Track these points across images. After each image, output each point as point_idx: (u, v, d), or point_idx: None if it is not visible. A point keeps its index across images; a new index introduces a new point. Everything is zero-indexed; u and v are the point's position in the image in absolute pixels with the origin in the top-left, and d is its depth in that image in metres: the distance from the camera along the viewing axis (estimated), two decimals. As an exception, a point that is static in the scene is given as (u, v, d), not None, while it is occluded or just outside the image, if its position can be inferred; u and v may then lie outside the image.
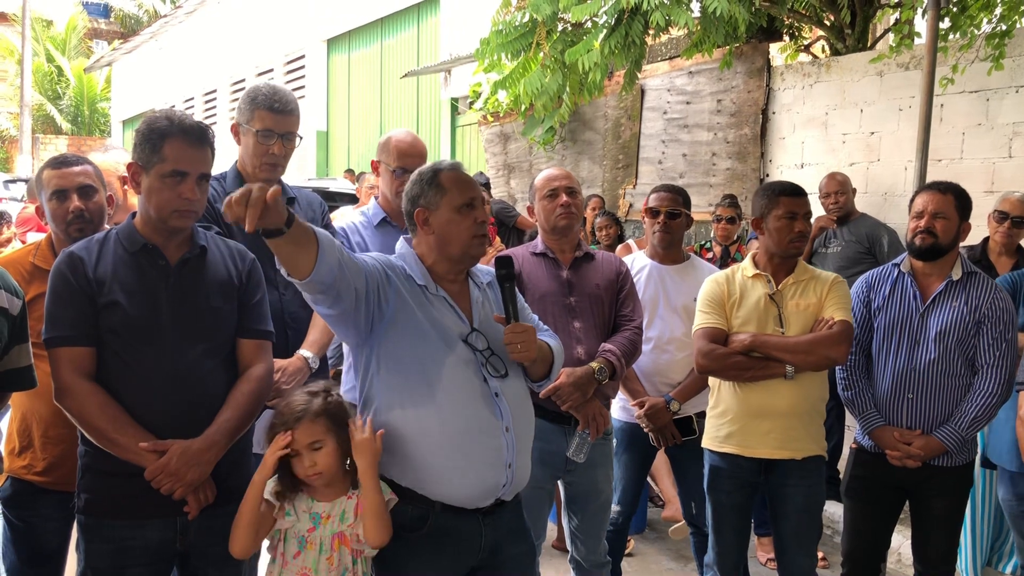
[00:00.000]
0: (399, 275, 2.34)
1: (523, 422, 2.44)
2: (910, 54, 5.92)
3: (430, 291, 2.37)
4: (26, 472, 2.74)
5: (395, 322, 2.30)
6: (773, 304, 3.18)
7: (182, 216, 2.37)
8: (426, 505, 2.31)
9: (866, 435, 3.29)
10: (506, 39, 7.43)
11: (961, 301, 3.17)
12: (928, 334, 3.18)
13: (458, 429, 2.30)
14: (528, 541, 2.55)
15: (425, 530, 2.31)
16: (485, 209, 2.45)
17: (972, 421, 3.11)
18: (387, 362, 2.32)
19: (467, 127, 11.85)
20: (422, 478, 2.31)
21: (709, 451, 3.29)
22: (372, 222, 3.38)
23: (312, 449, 2.28)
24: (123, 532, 2.33)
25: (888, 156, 6.11)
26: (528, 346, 2.36)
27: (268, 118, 2.91)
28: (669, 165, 7.92)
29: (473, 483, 2.32)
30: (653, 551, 4.81)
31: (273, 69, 17.27)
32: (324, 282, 2.08)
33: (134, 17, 30.57)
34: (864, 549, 3.34)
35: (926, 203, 3.20)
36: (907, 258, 3.31)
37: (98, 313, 2.32)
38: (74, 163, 2.86)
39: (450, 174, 2.42)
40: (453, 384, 2.31)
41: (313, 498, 2.32)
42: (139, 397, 2.32)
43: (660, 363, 3.62)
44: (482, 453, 2.32)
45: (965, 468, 3.24)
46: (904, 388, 3.20)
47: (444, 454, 2.29)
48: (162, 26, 22.49)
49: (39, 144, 24.80)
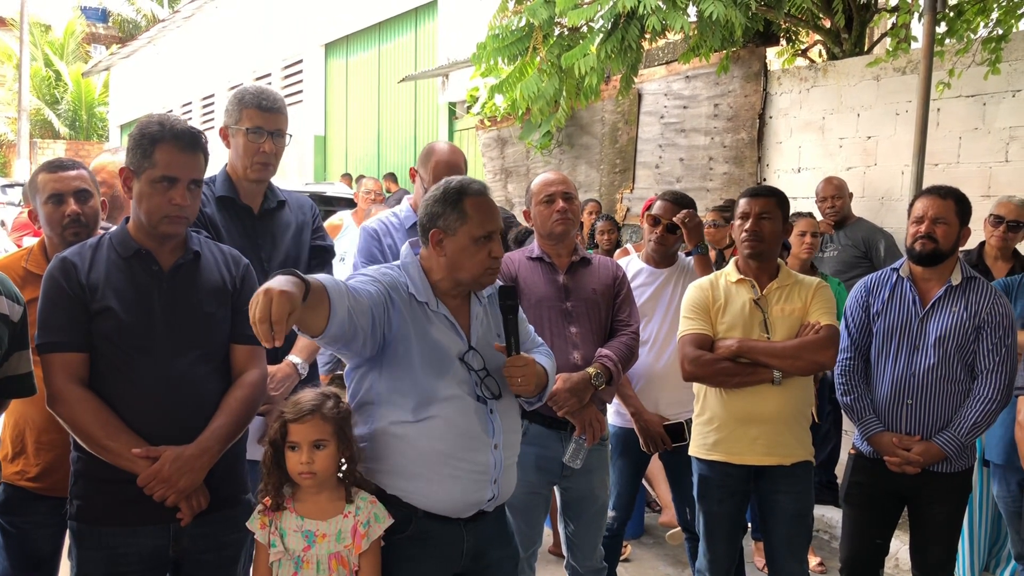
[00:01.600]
0: (401, 293, 2.33)
1: (512, 438, 2.46)
2: (907, 58, 5.92)
3: (430, 307, 2.37)
4: (19, 478, 2.73)
5: (395, 341, 2.30)
6: (758, 309, 3.17)
7: (172, 222, 2.36)
8: (409, 510, 2.32)
9: (865, 441, 3.27)
10: (503, 43, 7.44)
11: (961, 306, 3.15)
12: (927, 339, 3.16)
13: (448, 447, 2.30)
14: (511, 546, 2.56)
15: (408, 532, 2.32)
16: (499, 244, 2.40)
17: (972, 427, 3.09)
18: (385, 376, 2.32)
19: (464, 131, 11.86)
20: (407, 488, 2.32)
21: (697, 459, 3.28)
22: (404, 224, 3.40)
23: (314, 446, 2.27)
24: (116, 539, 2.32)
25: (885, 160, 6.11)
26: (528, 380, 2.36)
27: (257, 116, 2.89)
28: (666, 170, 7.92)
29: (458, 498, 2.33)
30: (650, 556, 4.79)
31: (271, 74, 17.29)
32: (336, 335, 2.10)
33: (132, 22, 30.63)
34: (862, 555, 3.33)
35: (926, 208, 3.18)
36: (906, 263, 3.29)
37: (91, 319, 2.31)
38: (70, 167, 2.86)
39: (475, 200, 2.35)
40: (446, 403, 2.31)
41: (302, 516, 2.30)
42: (132, 403, 2.30)
43: (656, 367, 3.62)
44: (469, 470, 2.33)
45: (964, 474, 3.22)
46: (903, 393, 3.19)
47: (432, 469, 2.30)
48: (160, 31, 22.53)
49: (37, 149, 24.82)
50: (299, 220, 3.09)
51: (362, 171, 13.28)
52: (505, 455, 2.40)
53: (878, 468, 3.23)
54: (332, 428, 2.28)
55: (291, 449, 2.28)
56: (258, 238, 2.96)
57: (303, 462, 2.26)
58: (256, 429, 2.63)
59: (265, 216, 3.01)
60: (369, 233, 3.41)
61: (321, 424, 2.27)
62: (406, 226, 3.39)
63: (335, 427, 2.29)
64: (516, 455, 2.49)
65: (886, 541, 3.35)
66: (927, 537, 3.25)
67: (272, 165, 2.96)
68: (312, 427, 2.26)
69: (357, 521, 2.29)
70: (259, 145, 2.90)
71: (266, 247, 2.96)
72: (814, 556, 4.48)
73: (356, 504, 2.31)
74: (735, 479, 3.19)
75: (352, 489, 2.32)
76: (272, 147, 2.92)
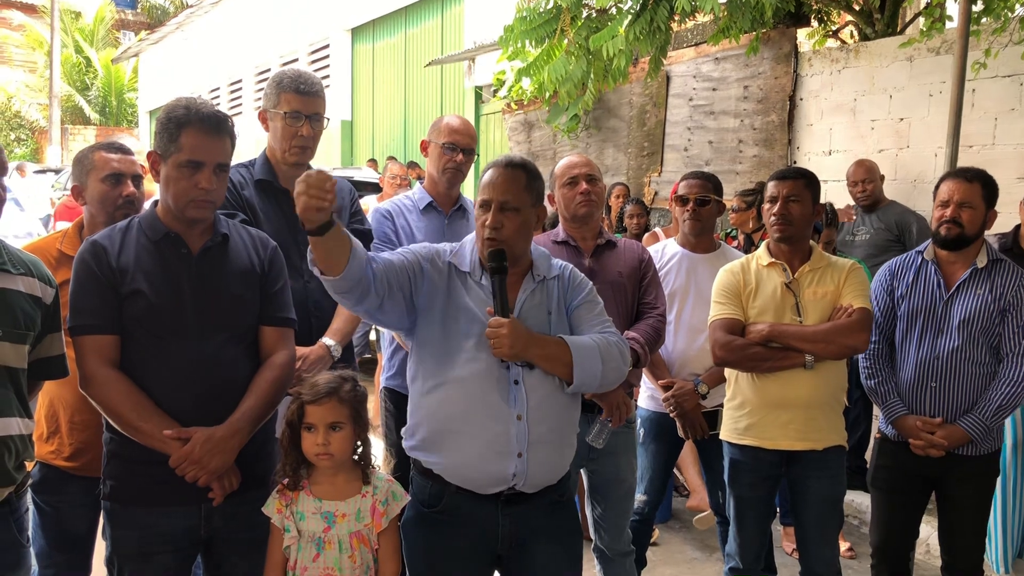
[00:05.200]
0: (437, 264, 2.40)
1: (547, 415, 2.37)
2: (941, 38, 5.82)
3: (473, 277, 2.41)
4: (54, 457, 2.77)
5: (427, 308, 2.37)
6: (790, 293, 3.14)
7: (199, 206, 2.37)
8: (441, 484, 2.35)
9: (889, 424, 3.25)
10: (530, 26, 7.40)
11: (985, 289, 3.13)
12: (952, 322, 3.14)
13: (462, 410, 2.32)
14: (565, 544, 2.49)
15: (441, 507, 2.35)
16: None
17: (997, 409, 3.08)
18: (419, 346, 2.40)
19: (491, 115, 11.82)
20: (435, 460, 2.36)
21: (728, 444, 3.26)
22: (418, 206, 3.42)
23: (330, 428, 2.29)
24: (148, 519, 2.34)
25: (918, 142, 6.02)
26: (500, 342, 2.28)
27: (295, 100, 2.91)
28: (695, 152, 7.85)
29: (476, 466, 2.32)
30: (678, 540, 4.79)
31: (298, 59, 17.32)
32: (353, 279, 2.16)
33: (161, 8, 30.82)
34: (892, 540, 3.31)
35: (952, 192, 3.14)
36: (930, 245, 3.26)
37: (121, 301, 2.33)
38: (128, 151, 2.92)
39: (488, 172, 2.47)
40: (466, 367, 2.32)
41: (320, 498, 2.32)
42: (162, 385, 2.33)
43: (691, 352, 3.58)
44: (484, 437, 2.31)
45: (990, 457, 3.20)
46: (928, 376, 3.17)
47: (450, 438, 2.33)
48: (188, 16, 22.62)
49: (68, 135, 25.07)
50: (337, 204, 3.08)
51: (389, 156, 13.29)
52: (533, 430, 2.33)
53: (903, 451, 3.21)
54: (348, 411, 2.31)
55: (307, 430, 2.31)
56: (296, 221, 2.95)
57: (319, 443, 2.29)
58: (286, 410, 2.64)
59: None
60: (382, 214, 3.42)
61: (338, 407, 2.30)
62: (420, 207, 3.41)
63: (351, 410, 2.32)
64: (556, 434, 2.41)
65: (915, 525, 3.33)
66: (955, 522, 3.22)
67: (310, 148, 2.98)
68: (328, 409, 2.29)
69: (375, 500, 2.32)
70: (297, 129, 2.91)
71: (303, 231, 2.96)
72: (844, 542, 4.45)
73: (373, 484, 2.34)
74: (766, 464, 3.17)
75: (368, 470, 2.34)
76: (310, 131, 2.94)
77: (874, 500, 3.38)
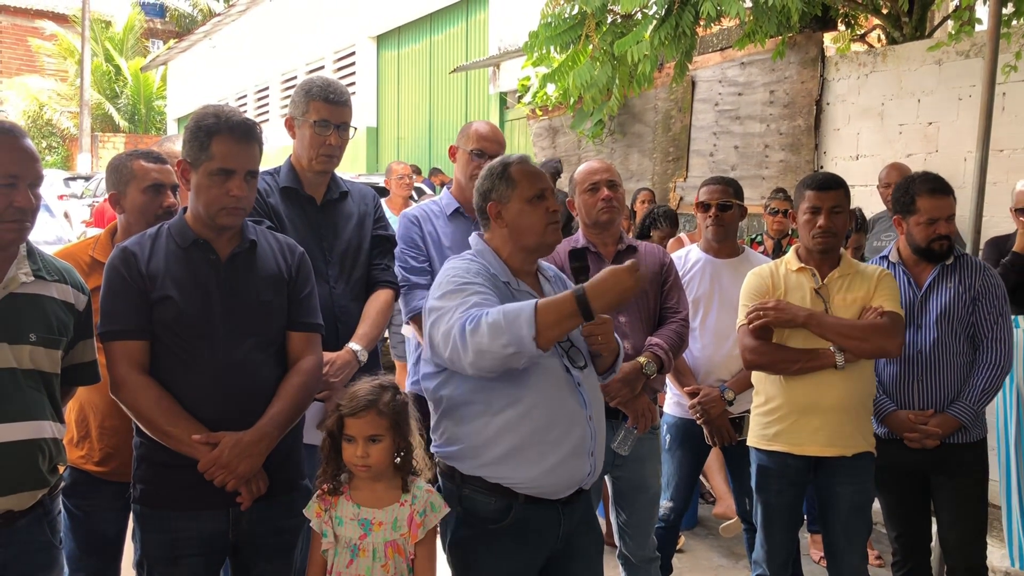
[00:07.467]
0: (489, 282, 2.37)
1: (599, 408, 2.49)
2: (970, 41, 5.75)
3: (513, 287, 2.42)
4: (84, 462, 2.80)
5: None
6: (820, 299, 3.11)
7: (230, 214, 2.39)
8: (510, 497, 2.34)
9: (879, 423, 3.27)
10: (555, 32, 7.41)
11: (955, 281, 3.25)
12: (929, 317, 3.24)
13: (547, 419, 2.33)
14: (596, 530, 2.58)
15: (507, 521, 2.34)
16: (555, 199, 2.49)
17: (981, 393, 3.18)
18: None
19: (516, 121, 11.84)
20: (511, 475, 2.33)
21: (756, 450, 3.24)
22: (445, 212, 3.41)
23: (369, 440, 2.29)
24: (177, 523, 2.36)
25: (947, 147, 5.95)
26: (608, 337, 2.38)
27: (324, 109, 2.92)
28: (720, 157, 7.81)
29: (560, 472, 2.35)
30: (704, 547, 4.76)
31: (324, 66, 17.46)
32: None
33: (189, 16, 31.17)
34: (906, 535, 3.36)
35: (939, 209, 3.22)
36: (895, 249, 3.37)
37: (151, 307, 2.35)
38: (163, 160, 2.93)
39: (519, 167, 2.47)
40: (540, 376, 2.33)
41: (359, 504, 2.32)
42: (191, 390, 2.35)
43: (716, 358, 3.56)
44: (569, 442, 2.35)
45: (979, 444, 3.27)
46: (911, 372, 3.25)
47: (534, 445, 2.32)
48: (215, 25, 22.87)
49: (98, 143, 25.40)
50: (361, 210, 3.11)
51: (415, 162, 13.34)
52: (597, 426, 2.43)
53: (892, 448, 3.24)
54: (388, 423, 2.30)
55: (347, 441, 2.31)
56: (321, 228, 3.00)
57: (359, 455, 2.28)
58: (314, 415, 2.66)
59: (328, 206, 3.04)
60: (409, 219, 3.39)
61: (376, 419, 2.29)
62: (447, 213, 3.39)
63: (391, 421, 2.30)
64: (604, 433, 2.51)
65: (924, 519, 3.38)
66: (955, 513, 3.26)
67: (337, 157, 3.00)
68: (367, 422, 2.28)
69: (413, 510, 2.30)
70: (325, 138, 2.93)
71: (328, 237, 2.99)
72: (871, 549, 4.40)
73: (412, 493, 2.33)
74: (795, 470, 3.15)
75: (409, 478, 2.33)
76: (338, 140, 2.95)
77: (880, 501, 3.41)
